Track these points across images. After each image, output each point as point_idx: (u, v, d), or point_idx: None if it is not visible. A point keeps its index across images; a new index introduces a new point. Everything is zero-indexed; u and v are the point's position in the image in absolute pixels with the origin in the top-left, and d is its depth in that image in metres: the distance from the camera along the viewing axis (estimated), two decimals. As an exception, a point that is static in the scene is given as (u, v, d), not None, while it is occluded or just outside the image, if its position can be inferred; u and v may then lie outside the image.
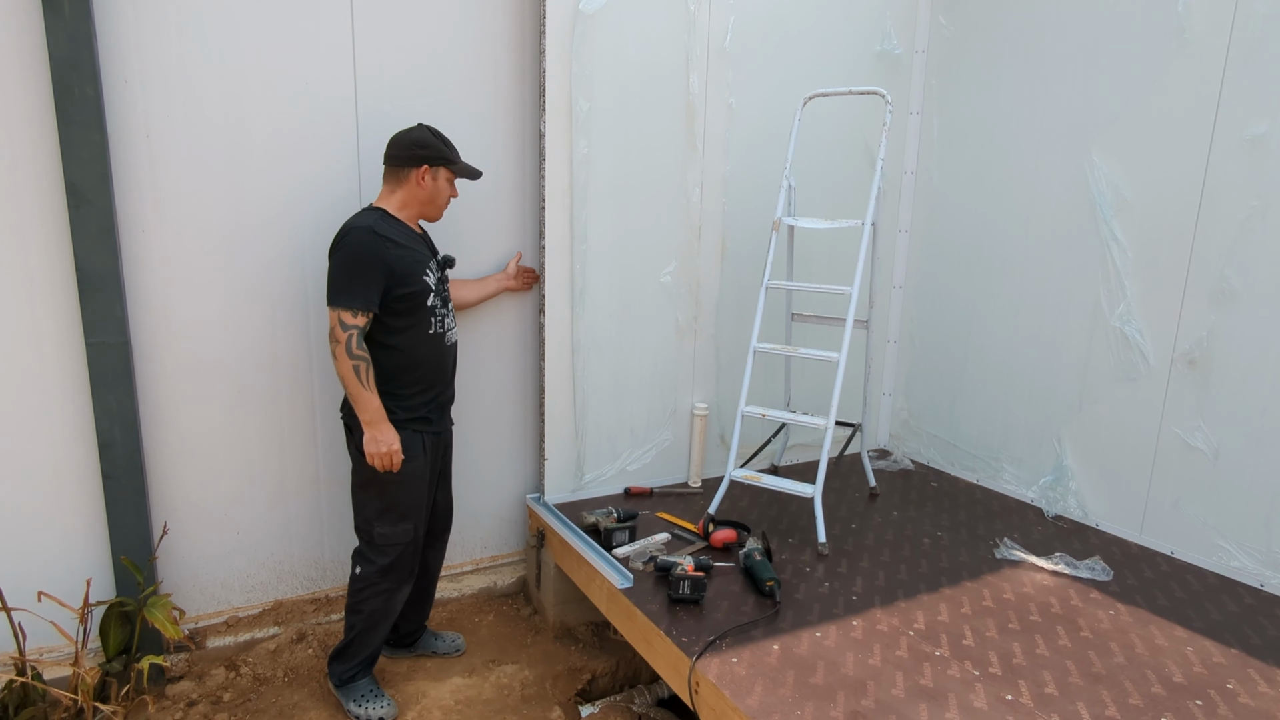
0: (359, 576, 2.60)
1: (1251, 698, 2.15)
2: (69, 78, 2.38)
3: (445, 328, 2.66)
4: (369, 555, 2.59)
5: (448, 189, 2.63)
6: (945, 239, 3.95)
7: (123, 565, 2.63)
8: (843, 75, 3.75)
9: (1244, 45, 2.76)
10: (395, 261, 2.43)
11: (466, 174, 2.66)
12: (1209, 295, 2.89)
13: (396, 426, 2.50)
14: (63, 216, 2.48)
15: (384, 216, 2.50)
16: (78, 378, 2.58)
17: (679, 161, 3.41)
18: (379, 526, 2.56)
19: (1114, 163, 3.17)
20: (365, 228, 2.42)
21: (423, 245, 2.62)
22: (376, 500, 2.55)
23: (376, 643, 2.67)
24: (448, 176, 2.61)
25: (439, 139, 2.57)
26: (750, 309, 3.62)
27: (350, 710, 2.60)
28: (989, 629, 2.46)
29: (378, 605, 2.60)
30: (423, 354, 2.57)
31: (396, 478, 2.53)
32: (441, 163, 2.56)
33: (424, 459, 2.61)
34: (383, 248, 2.41)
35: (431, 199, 2.59)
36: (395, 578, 2.61)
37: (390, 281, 2.42)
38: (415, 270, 2.50)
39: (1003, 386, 3.69)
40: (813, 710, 2.01)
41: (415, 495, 2.60)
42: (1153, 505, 3.11)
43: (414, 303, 2.50)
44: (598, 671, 3.03)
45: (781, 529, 3.17)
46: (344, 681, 2.64)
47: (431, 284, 2.56)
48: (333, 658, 2.68)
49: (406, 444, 2.53)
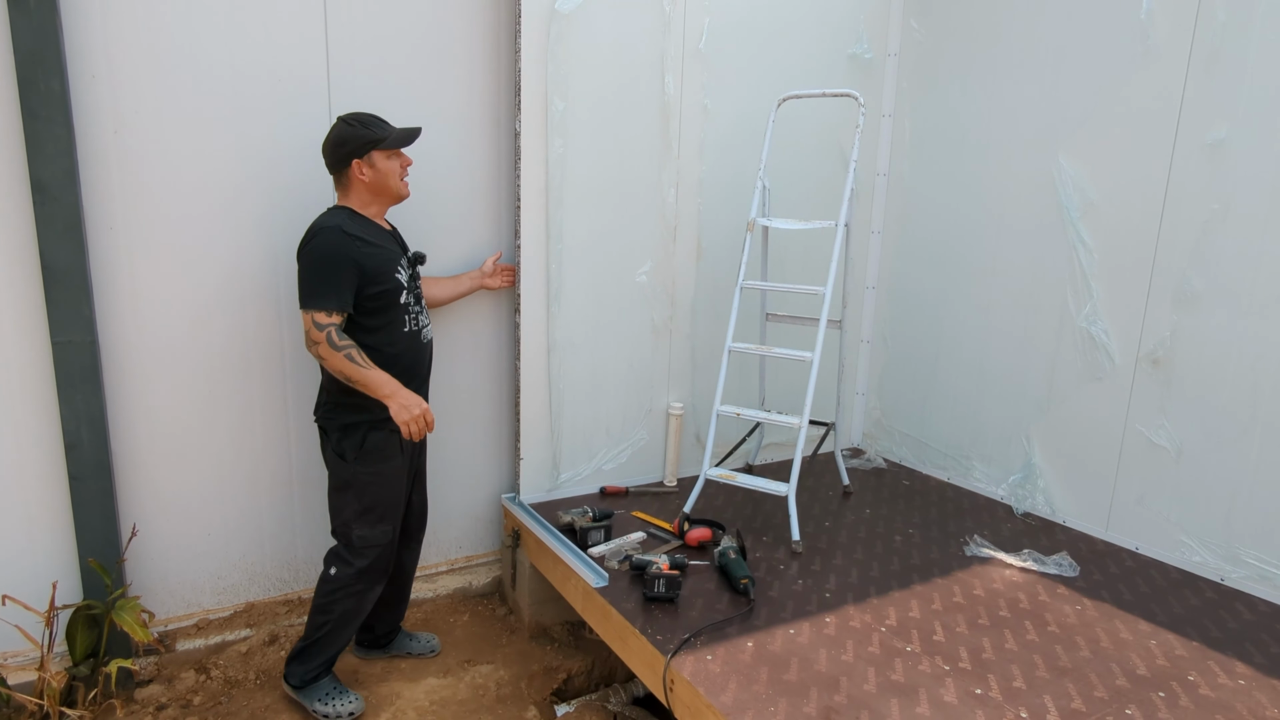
0: (334, 578, 2.56)
1: (1212, 689, 2.21)
2: (34, 71, 2.34)
3: (420, 325, 2.63)
4: (347, 557, 2.56)
5: (392, 165, 2.50)
6: (917, 240, 4.00)
7: (90, 568, 2.59)
8: (816, 78, 3.79)
9: (1204, 52, 2.83)
10: (366, 260, 2.39)
11: (400, 142, 2.50)
12: (1172, 296, 2.96)
13: (373, 427, 2.47)
14: (28, 213, 2.44)
15: (352, 215, 2.46)
16: (43, 377, 2.54)
17: (654, 162, 3.42)
18: (358, 529, 2.53)
19: (1081, 166, 3.23)
20: (334, 227, 2.37)
21: (393, 242, 2.58)
22: (356, 502, 2.52)
23: (342, 643, 2.64)
24: (383, 155, 2.47)
25: (357, 124, 2.44)
26: (725, 309, 3.64)
27: (316, 710, 2.56)
28: (959, 625, 2.50)
29: (350, 606, 2.57)
30: (399, 352, 2.53)
31: (373, 478, 2.50)
32: (368, 148, 2.44)
33: (401, 459, 2.59)
34: (352, 246, 2.37)
35: (381, 185, 2.49)
36: (370, 579, 2.59)
37: (362, 280, 2.39)
38: (387, 268, 2.46)
39: (973, 386, 3.75)
40: (786, 706, 2.03)
41: (394, 496, 2.58)
42: (1118, 502, 3.18)
43: (387, 300, 2.47)
44: (573, 671, 3.03)
45: (756, 527, 3.19)
46: (305, 683, 2.60)
47: (404, 281, 2.53)
48: (292, 659, 2.63)
49: (384, 444, 2.50)
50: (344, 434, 2.50)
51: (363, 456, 2.49)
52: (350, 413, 2.49)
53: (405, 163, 2.55)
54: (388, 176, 2.49)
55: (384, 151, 2.47)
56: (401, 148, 2.52)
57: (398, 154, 2.52)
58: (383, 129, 2.47)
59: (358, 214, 2.48)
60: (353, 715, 2.57)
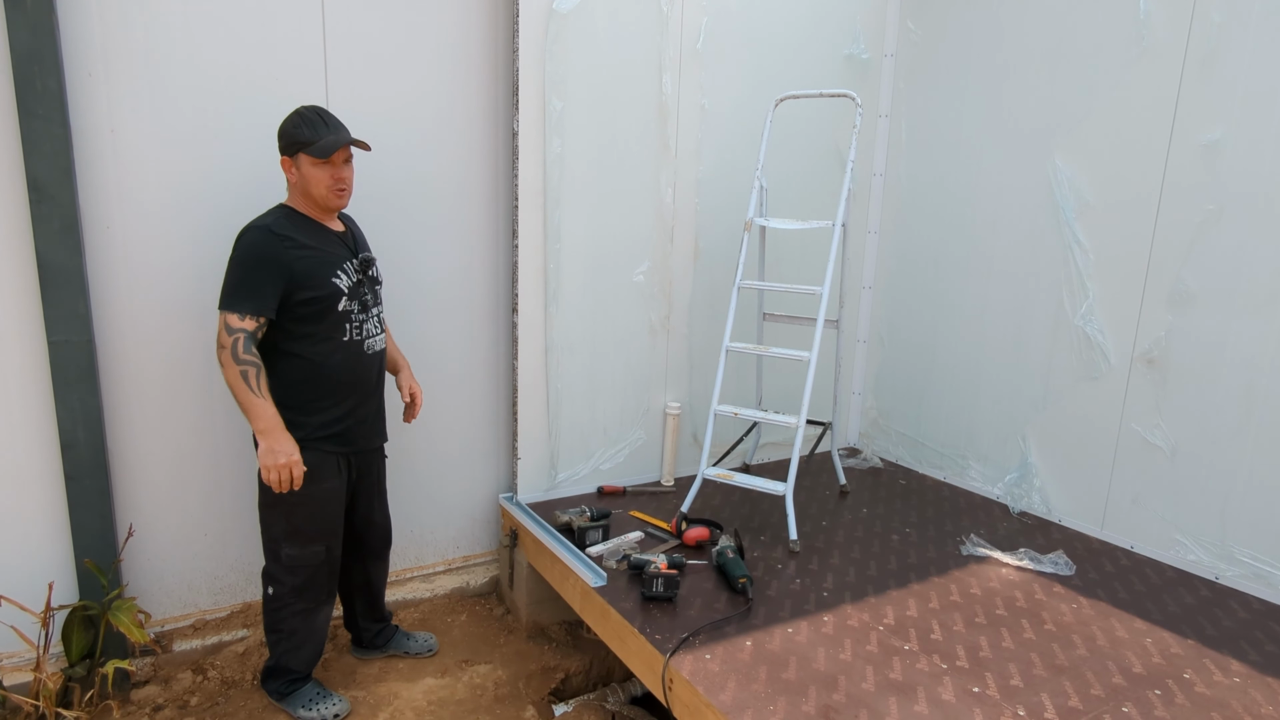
0: (272, 598, 2.47)
1: (1207, 687, 2.22)
2: (30, 70, 2.33)
3: (365, 334, 2.46)
4: (279, 576, 2.45)
5: (317, 173, 2.30)
6: (914, 240, 4.01)
7: (86, 568, 2.58)
8: (813, 78, 3.80)
9: (1200, 53, 2.84)
10: (295, 262, 2.25)
11: (323, 152, 2.27)
12: (1167, 296, 2.98)
13: (303, 445, 2.32)
14: (24, 212, 2.43)
15: (289, 214, 2.34)
16: (40, 377, 2.53)
17: (652, 162, 3.43)
18: (287, 548, 2.42)
19: (1076, 166, 3.25)
20: (262, 227, 2.25)
21: (337, 244, 2.41)
22: (284, 521, 2.40)
23: (306, 659, 2.57)
24: (310, 161, 2.29)
25: (298, 120, 2.29)
26: (722, 309, 3.65)
27: (300, 716, 2.52)
28: (956, 623, 2.51)
29: (296, 625, 2.50)
30: (335, 364, 2.38)
31: (303, 499, 2.36)
32: (296, 149, 2.29)
33: (338, 481, 2.46)
34: (278, 247, 2.23)
35: (305, 190, 2.33)
36: (311, 597, 2.49)
37: (291, 285, 2.24)
38: (320, 272, 2.31)
39: (969, 386, 3.76)
40: (785, 705, 2.03)
41: (325, 519, 2.45)
42: (1113, 501, 3.20)
43: (321, 307, 2.32)
44: (571, 670, 3.03)
45: (754, 527, 3.20)
46: (285, 695, 2.57)
47: (344, 287, 2.37)
48: (264, 677, 2.61)
49: (315, 465, 2.36)
50: None
51: None
52: None
53: (337, 175, 2.34)
54: (311, 183, 2.32)
55: (310, 158, 2.30)
56: (324, 158, 2.29)
57: (330, 164, 2.32)
58: (315, 132, 2.28)
59: (296, 213, 2.36)
60: (338, 717, 2.55)
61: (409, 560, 3.33)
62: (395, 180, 3.01)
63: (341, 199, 2.40)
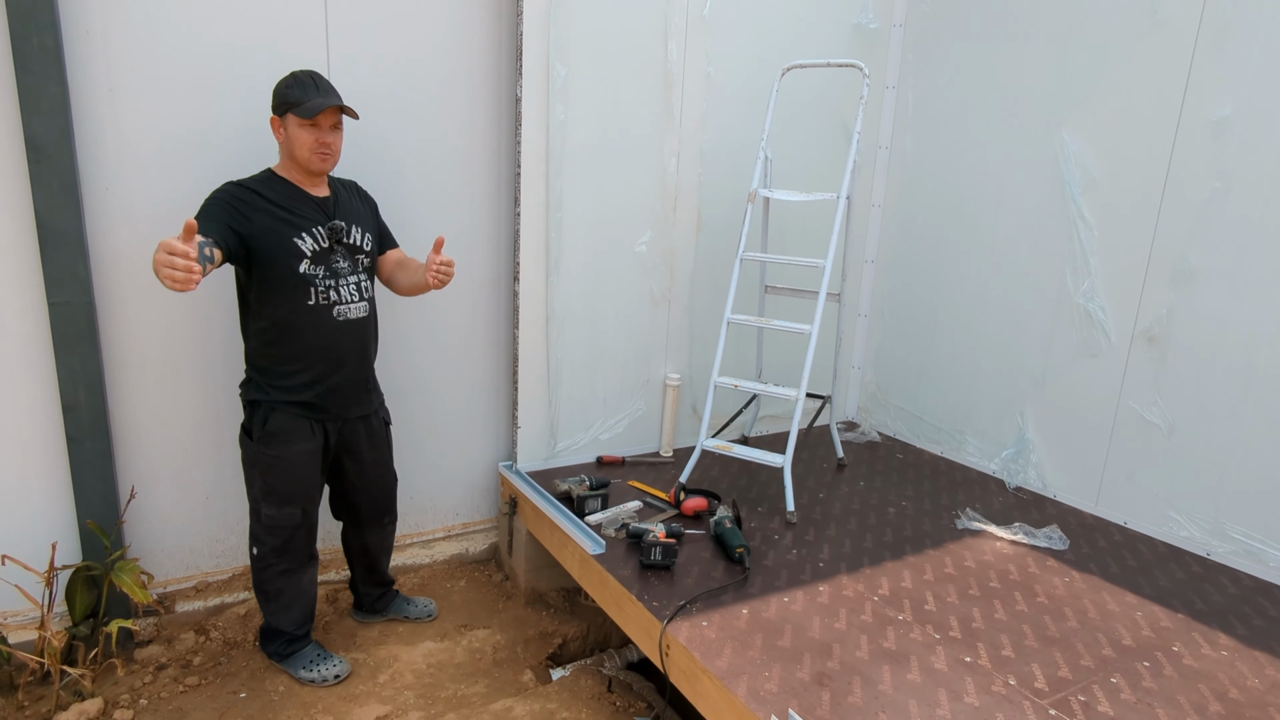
0: (256, 557, 2.53)
1: (1195, 659, 2.25)
2: (27, 26, 2.29)
3: (334, 300, 2.44)
4: (260, 535, 2.51)
5: (302, 135, 2.32)
6: (917, 214, 3.99)
7: (89, 530, 2.60)
8: (820, 47, 3.75)
9: (1213, 27, 2.81)
10: (252, 213, 2.28)
11: (308, 113, 2.29)
12: (1170, 274, 2.97)
13: (273, 407, 2.41)
14: (22, 171, 2.41)
15: (270, 177, 2.39)
16: (40, 338, 2.52)
17: (656, 130, 3.40)
18: (265, 507, 2.47)
19: (1083, 141, 3.22)
20: (234, 180, 2.34)
21: (311, 208, 2.41)
22: (260, 481, 2.45)
23: (296, 620, 2.61)
24: (297, 122, 2.32)
25: (290, 81, 2.32)
26: (724, 280, 3.64)
27: (300, 677, 2.58)
28: (950, 595, 2.54)
29: (282, 585, 2.55)
30: (300, 327, 2.39)
31: (275, 460, 2.42)
32: (285, 109, 2.31)
33: (312, 444, 2.48)
34: (239, 193, 2.29)
35: (290, 152, 2.37)
36: (291, 559, 2.54)
37: (245, 232, 2.26)
38: (280, 230, 2.32)
39: (969, 361, 3.77)
40: (780, 671, 2.06)
41: (299, 479, 2.48)
42: (1109, 477, 3.22)
43: (279, 267, 2.33)
44: (569, 636, 3.07)
45: (751, 498, 3.22)
46: (284, 656, 2.62)
47: (305, 249, 2.36)
48: (262, 640, 2.66)
49: (286, 427, 2.42)
50: (250, 411, 2.46)
51: (264, 437, 2.42)
52: (255, 390, 2.44)
53: (322, 139, 2.35)
54: (295, 144, 2.34)
55: (297, 119, 2.31)
56: (309, 118, 2.30)
57: (315, 126, 2.33)
58: (304, 94, 2.30)
59: (278, 177, 2.40)
60: (338, 678, 2.60)
61: (409, 526, 3.35)
62: (397, 147, 2.98)
63: (325, 163, 2.40)
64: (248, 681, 2.59)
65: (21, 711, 2.38)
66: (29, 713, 2.37)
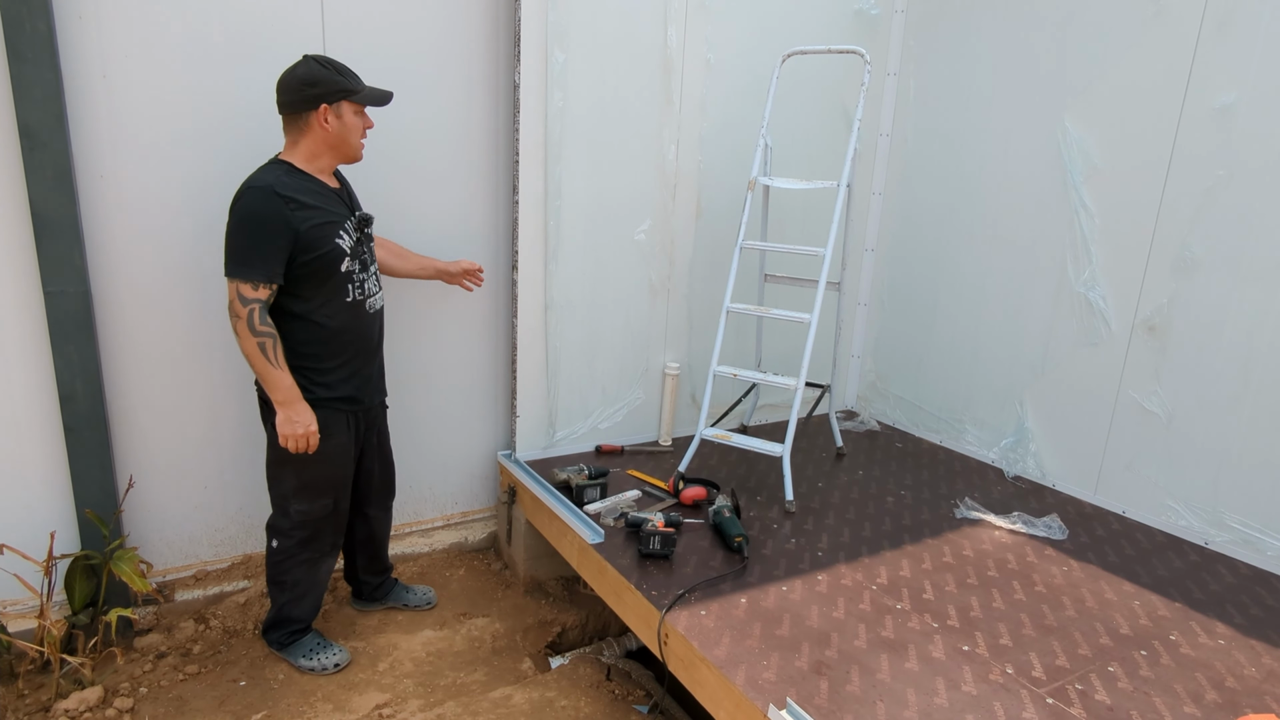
0: (276, 550, 2.52)
1: (1192, 648, 2.26)
2: (19, 11, 2.27)
3: (366, 293, 2.46)
4: (285, 529, 2.49)
5: (358, 123, 2.34)
6: (918, 202, 3.97)
7: (88, 519, 2.59)
8: (821, 34, 3.72)
9: (1217, 14, 2.78)
10: (300, 224, 2.21)
11: (374, 101, 2.35)
12: (1171, 263, 2.96)
13: (315, 406, 2.34)
14: (16, 159, 2.38)
15: (290, 171, 2.27)
16: (36, 328, 2.51)
17: (655, 117, 3.37)
18: (295, 504, 2.46)
19: (1085, 129, 3.20)
20: (264, 187, 2.18)
21: (337, 203, 2.38)
22: (294, 478, 2.44)
23: (307, 610, 2.62)
24: (353, 109, 2.31)
25: (331, 68, 2.27)
26: (723, 269, 3.62)
27: (300, 666, 2.58)
28: (948, 584, 2.54)
29: (301, 575, 2.54)
30: (340, 324, 2.39)
31: (315, 456, 2.39)
32: (341, 96, 2.27)
33: (347, 436, 2.49)
34: (284, 210, 2.18)
35: (342, 140, 2.32)
36: (317, 548, 2.54)
37: (296, 248, 2.21)
38: (325, 233, 2.28)
39: (969, 350, 3.76)
40: (778, 660, 2.07)
41: (335, 472, 2.49)
42: (1107, 466, 3.22)
43: (326, 269, 2.30)
44: (568, 624, 3.08)
45: (750, 487, 3.22)
46: (285, 645, 2.62)
47: (346, 247, 2.34)
48: (266, 629, 2.66)
49: (326, 422, 2.39)
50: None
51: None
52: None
53: (368, 124, 2.39)
54: (351, 133, 2.33)
55: (353, 105, 2.31)
56: (371, 106, 2.37)
57: (364, 113, 2.37)
58: (358, 81, 2.33)
59: (298, 170, 2.29)
60: (338, 666, 2.60)
61: (408, 515, 3.35)
62: (394, 134, 2.95)
63: (363, 151, 2.44)
64: (247, 670, 2.59)
65: (22, 700, 2.38)
66: (29, 701, 2.38)
